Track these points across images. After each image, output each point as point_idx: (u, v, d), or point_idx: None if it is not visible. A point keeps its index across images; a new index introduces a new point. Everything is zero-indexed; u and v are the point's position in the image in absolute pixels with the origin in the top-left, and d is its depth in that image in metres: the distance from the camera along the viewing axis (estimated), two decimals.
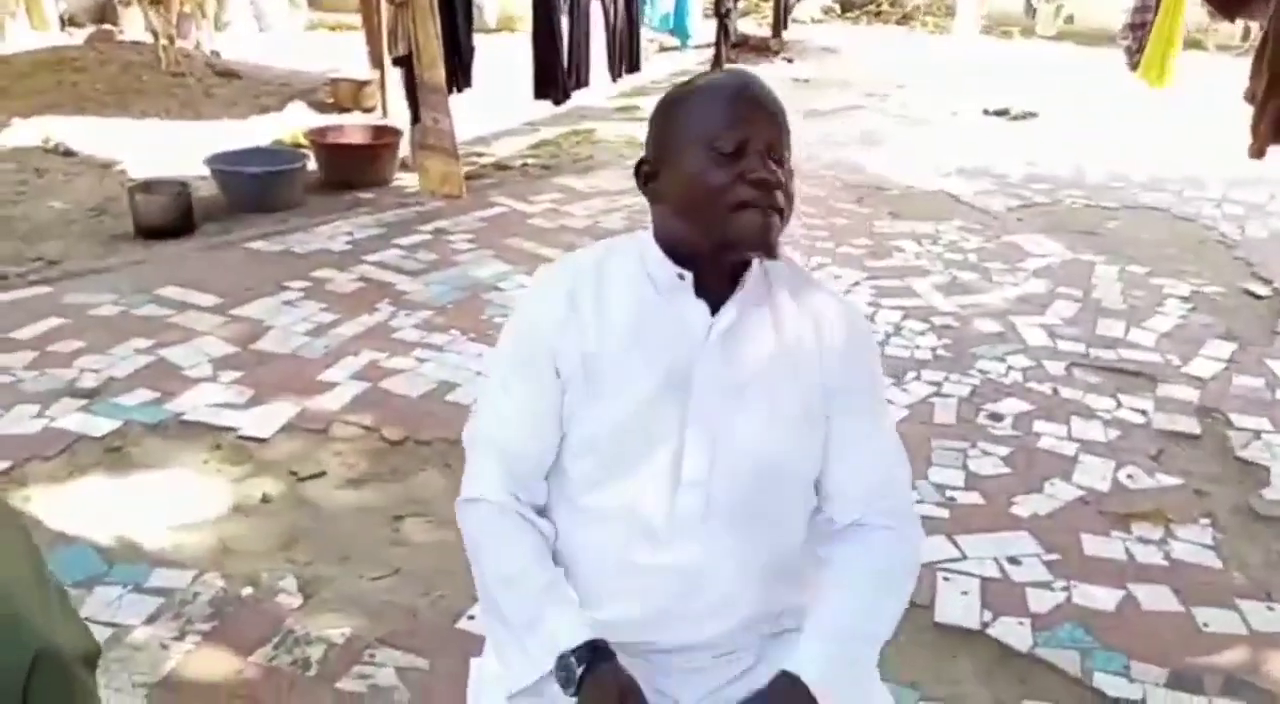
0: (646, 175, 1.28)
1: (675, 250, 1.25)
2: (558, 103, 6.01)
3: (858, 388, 1.31)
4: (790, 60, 10.29)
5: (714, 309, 1.24)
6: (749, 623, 1.33)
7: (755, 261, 1.26)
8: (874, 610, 1.28)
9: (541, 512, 1.32)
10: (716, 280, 1.25)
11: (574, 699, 1.18)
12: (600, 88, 6.75)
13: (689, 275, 1.24)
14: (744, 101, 1.22)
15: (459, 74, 5.25)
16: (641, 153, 1.31)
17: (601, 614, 1.26)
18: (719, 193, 1.18)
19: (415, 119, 5.14)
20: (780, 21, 11.09)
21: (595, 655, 1.20)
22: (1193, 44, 8.00)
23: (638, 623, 1.28)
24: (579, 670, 1.19)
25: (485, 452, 1.31)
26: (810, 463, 1.31)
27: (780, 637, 1.35)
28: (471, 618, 2.27)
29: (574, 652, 1.19)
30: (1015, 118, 8.01)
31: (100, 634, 2.12)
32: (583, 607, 1.25)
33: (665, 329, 1.24)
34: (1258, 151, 3.91)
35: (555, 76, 5.88)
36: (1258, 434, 3.25)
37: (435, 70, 4.91)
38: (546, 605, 1.23)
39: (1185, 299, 4.38)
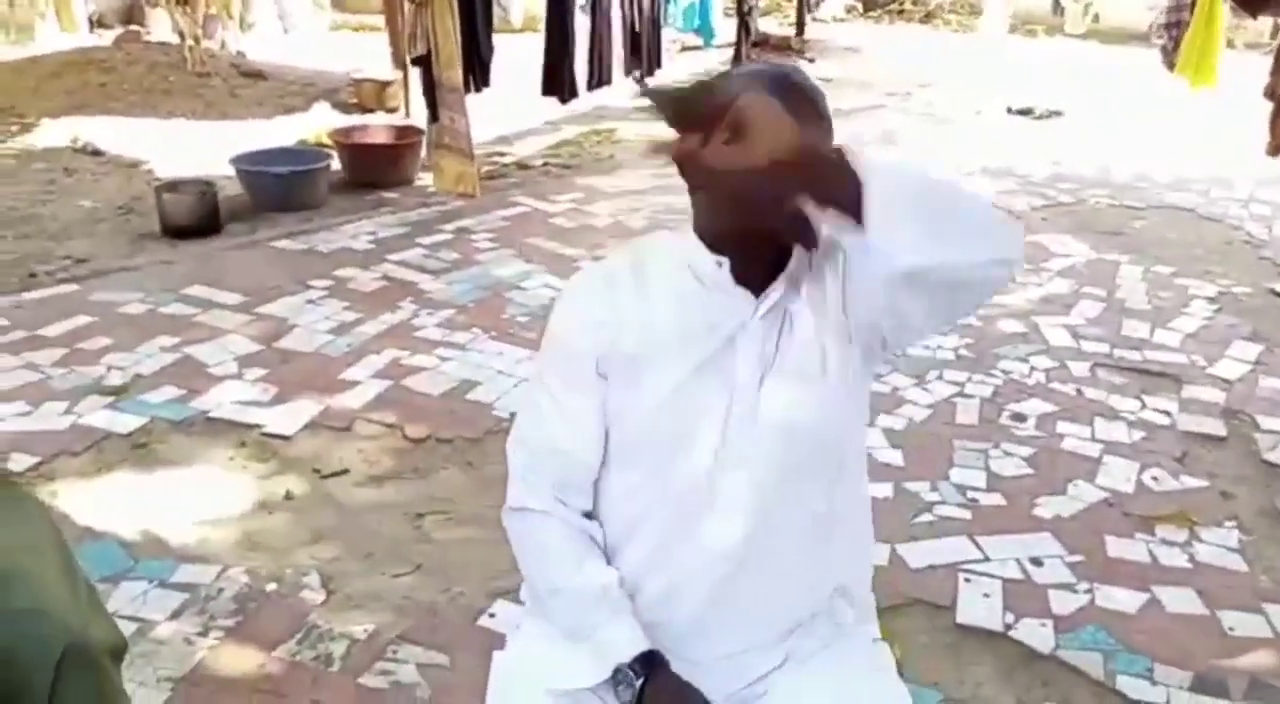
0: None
1: (715, 238, 1.24)
2: (564, 101, 6.02)
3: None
4: (812, 60, 10.24)
5: (757, 293, 1.24)
6: (793, 606, 1.33)
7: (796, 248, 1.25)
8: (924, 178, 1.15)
9: (589, 515, 1.33)
10: (758, 265, 1.23)
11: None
12: (622, 87, 6.75)
13: (725, 262, 1.23)
14: (795, 89, 1.19)
15: (478, 73, 5.27)
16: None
17: (645, 603, 1.28)
18: (762, 186, 1.14)
19: (433, 118, 5.16)
20: (802, 20, 11.06)
21: (653, 665, 1.22)
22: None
23: (658, 628, 1.28)
24: (639, 681, 1.21)
25: (534, 459, 1.31)
26: (857, 423, 1.34)
27: (806, 639, 1.35)
28: (492, 615, 2.28)
29: (631, 663, 1.22)
30: (1040, 117, 7.94)
31: (126, 629, 2.14)
32: (629, 594, 1.27)
33: (709, 317, 1.24)
34: (1275, 149, 3.86)
35: (563, 74, 5.89)
36: None
37: (452, 70, 4.93)
38: (600, 614, 1.25)
39: (1211, 300, 4.34)
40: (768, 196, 1.12)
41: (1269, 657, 2.26)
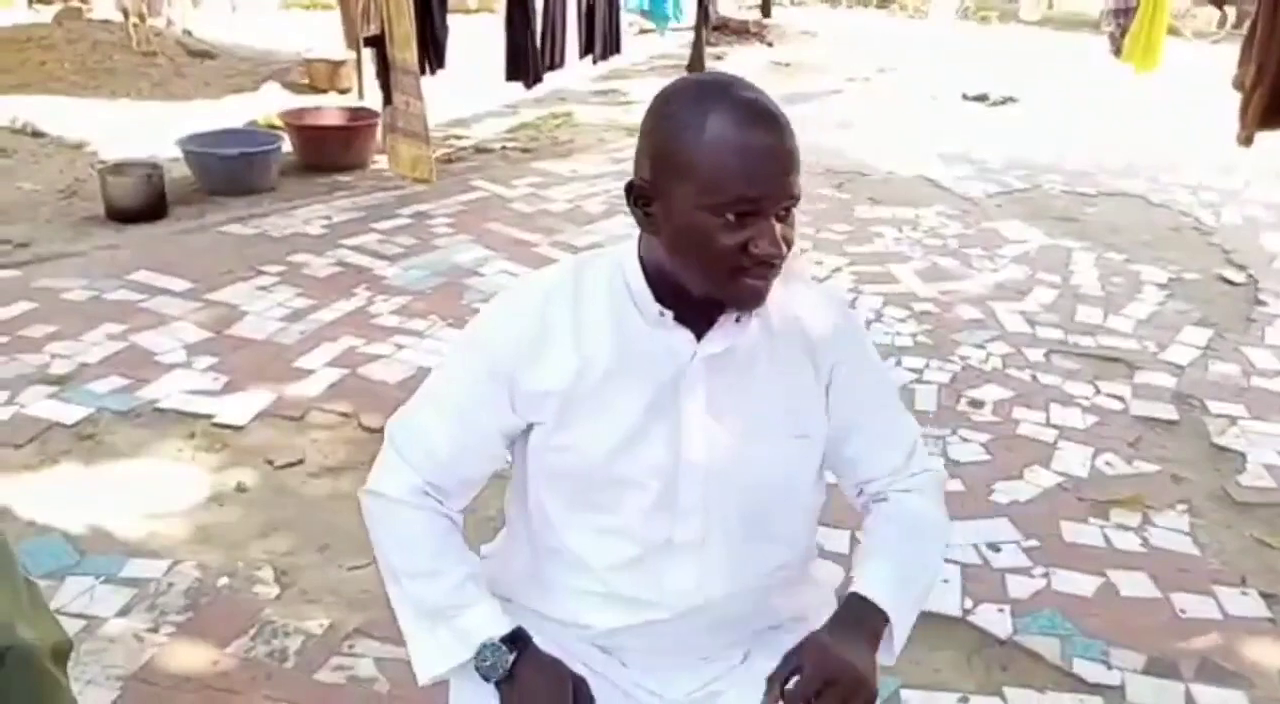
0: (639, 198, 1.14)
1: (658, 276, 1.17)
2: (528, 86, 5.95)
3: (855, 357, 1.28)
4: (770, 44, 10.25)
5: (699, 333, 1.18)
6: (745, 632, 1.32)
7: None
8: (920, 554, 1.28)
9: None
10: (703, 307, 1.17)
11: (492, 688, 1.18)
12: (579, 70, 6.69)
13: (669, 313, 1.16)
14: (765, 158, 1.07)
15: (432, 55, 5.18)
16: (621, 137, 1.25)
17: (595, 635, 1.26)
18: (721, 257, 1.09)
19: (387, 100, 5.07)
20: (768, 3, 11.07)
21: (522, 644, 1.19)
22: (1170, 31, 8.03)
23: (620, 635, 1.27)
24: (510, 658, 1.17)
25: (407, 449, 1.25)
26: (809, 474, 1.28)
27: (767, 633, 1.34)
28: None
29: (499, 641, 1.18)
30: (994, 103, 8.02)
31: (73, 626, 2.09)
32: (581, 626, 1.25)
33: (650, 355, 1.18)
34: (1246, 139, 3.93)
35: (527, 59, 5.82)
36: (1234, 420, 3.27)
37: (407, 51, 4.84)
38: (462, 597, 1.21)
39: (1162, 286, 4.41)
40: (720, 268, 1.10)
41: (1219, 638, 2.30)
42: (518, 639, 1.20)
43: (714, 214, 1.07)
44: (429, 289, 3.98)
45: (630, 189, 1.15)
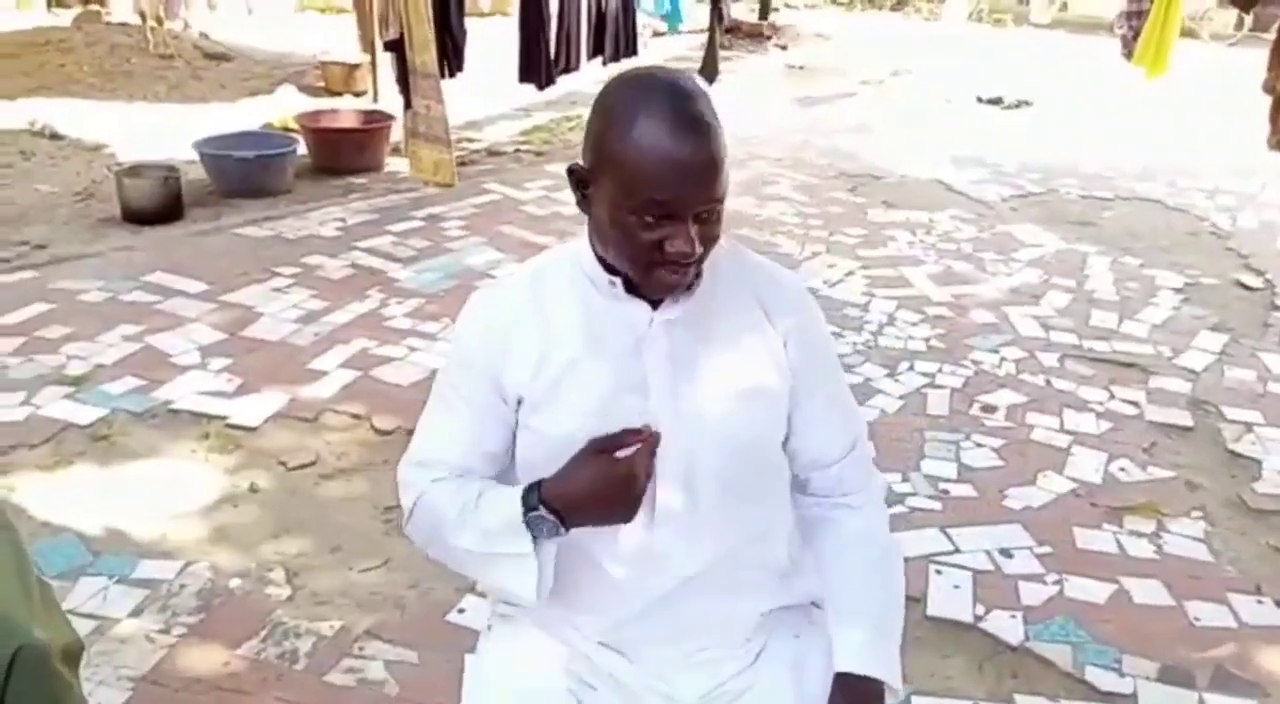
0: (578, 180, 1.19)
1: (608, 254, 1.20)
2: (540, 88, 5.96)
3: (817, 359, 1.30)
4: (784, 47, 10.24)
5: (655, 303, 1.21)
6: (749, 613, 1.31)
7: None
8: (887, 591, 1.30)
9: None
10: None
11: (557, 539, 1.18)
12: (593, 73, 6.70)
13: (619, 280, 1.20)
14: (682, 166, 1.09)
15: (451, 58, 5.20)
16: None
17: (592, 619, 1.26)
18: (637, 251, 1.13)
19: (407, 105, 5.08)
20: (765, 6, 11.07)
21: (540, 490, 1.17)
22: (1186, 33, 7.98)
23: (625, 627, 1.27)
24: (544, 512, 1.16)
25: (421, 469, 1.28)
26: (778, 433, 1.29)
27: (778, 631, 1.34)
28: (461, 611, 2.26)
29: (527, 502, 1.17)
30: (1009, 107, 8.00)
31: (85, 626, 2.11)
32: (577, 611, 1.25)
33: (612, 327, 1.21)
34: (1278, 143, 3.92)
35: (540, 62, 5.83)
36: (1249, 427, 3.25)
37: (427, 55, 4.86)
38: (483, 513, 1.21)
39: (1178, 290, 4.38)
40: (638, 258, 1.13)
41: (1234, 647, 2.28)
42: (533, 490, 1.18)
43: (630, 212, 1.11)
44: (441, 291, 3.99)
45: (571, 171, 1.20)
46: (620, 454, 1.16)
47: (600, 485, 1.16)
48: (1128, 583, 2.48)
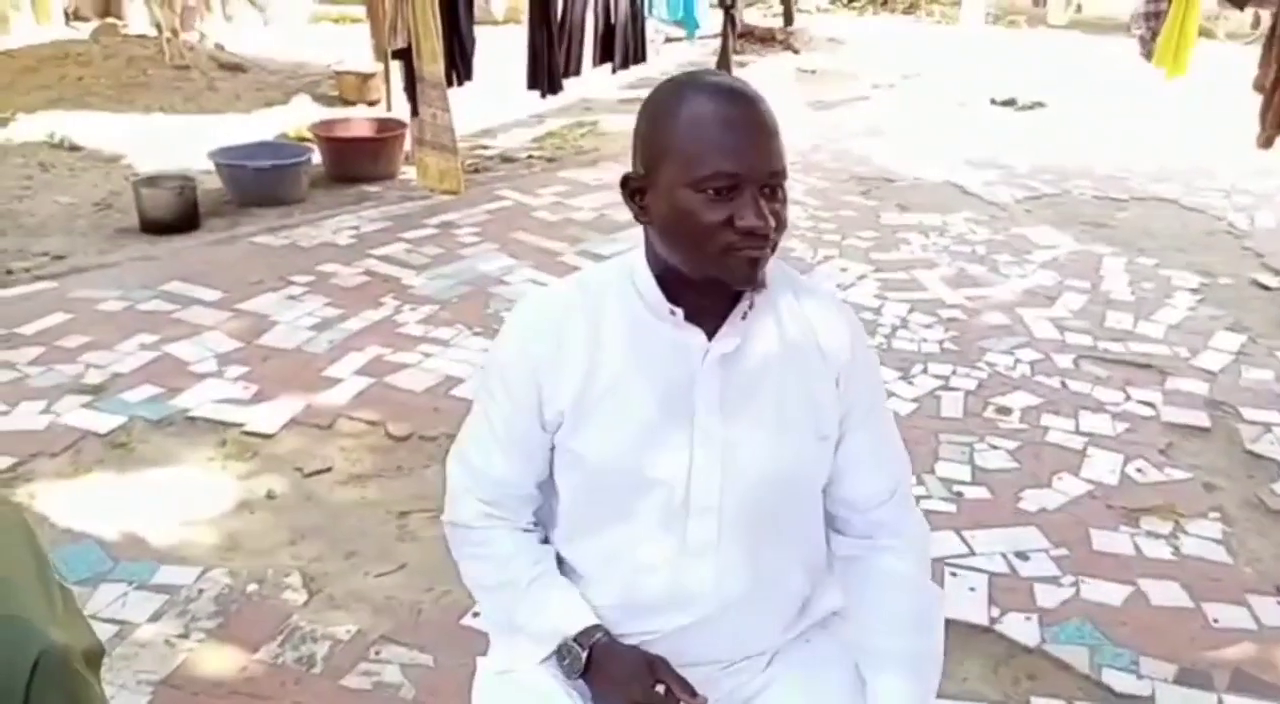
0: (634, 191, 1.18)
1: (665, 275, 1.19)
2: (544, 95, 5.98)
3: (865, 400, 1.29)
4: (796, 51, 10.24)
5: (711, 331, 1.19)
6: (770, 640, 1.31)
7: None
8: (926, 635, 1.31)
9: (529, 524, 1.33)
10: (712, 303, 1.19)
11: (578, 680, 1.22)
12: (606, 79, 6.72)
13: (679, 311, 1.18)
14: (739, 130, 1.10)
15: (460, 66, 5.23)
16: None
17: (620, 635, 1.26)
18: (708, 234, 1.11)
19: (414, 113, 5.12)
20: (790, 10, 11.06)
21: (596, 637, 1.21)
22: (1203, 33, 7.93)
23: (660, 645, 1.26)
24: (583, 655, 1.20)
25: (470, 480, 1.31)
26: (821, 470, 1.28)
27: (796, 638, 1.34)
28: (476, 615, 2.27)
29: (577, 637, 1.20)
30: (1023, 108, 7.97)
31: (105, 631, 2.13)
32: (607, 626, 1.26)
33: (663, 355, 1.19)
34: (1266, 141, 3.90)
35: (546, 67, 5.85)
36: (1268, 427, 3.22)
37: (434, 64, 4.88)
38: (533, 603, 1.24)
39: (1194, 291, 4.35)
40: (709, 246, 1.12)
41: (1253, 649, 2.27)
42: (591, 633, 1.22)
43: (696, 190, 1.11)
44: (455, 298, 4.01)
45: (625, 182, 1.19)
46: (661, 689, 1.18)
47: (627, 692, 1.19)
48: (1145, 585, 2.46)
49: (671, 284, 1.19)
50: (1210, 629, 2.33)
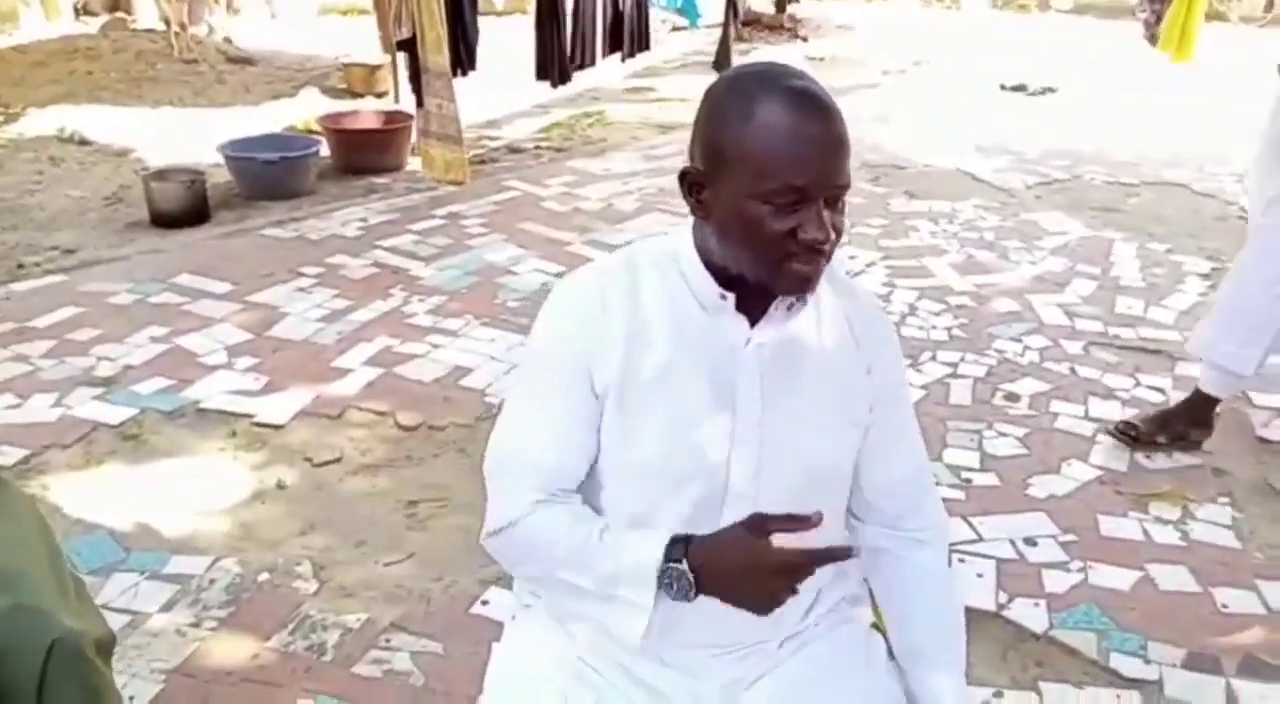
0: (692, 185, 1.17)
1: (715, 267, 1.19)
2: (554, 86, 5.97)
3: (888, 364, 1.31)
4: (804, 38, 10.20)
5: (753, 320, 1.20)
6: (787, 621, 1.32)
7: None
8: (960, 626, 1.39)
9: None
10: (755, 294, 1.19)
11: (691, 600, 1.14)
12: (612, 68, 6.71)
13: (731, 296, 1.18)
14: (814, 145, 1.09)
15: (464, 57, 5.23)
16: (654, 135, 1.26)
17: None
18: (769, 243, 1.11)
19: (419, 104, 5.11)
20: None
21: (683, 548, 1.13)
22: (1215, 16, 7.87)
23: (663, 634, 1.25)
24: (685, 570, 1.12)
25: (511, 475, 1.25)
26: (853, 457, 1.30)
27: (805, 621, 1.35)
28: (485, 603, 2.28)
29: (671, 556, 1.13)
30: (1033, 93, 7.92)
31: (118, 621, 2.15)
32: None
33: (706, 343, 1.20)
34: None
35: (555, 58, 5.84)
36: (1278, 412, 3.21)
37: (439, 54, 4.88)
38: (612, 553, 1.17)
39: (1205, 276, 4.33)
40: (769, 255, 1.11)
41: (1262, 633, 2.27)
42: (681, 545, 1.14)
43: (762, 201, 1.10)
44: (463, 288, 4.02)
45: (684, 176, 1.17)
46: (775, 542, 1.10)
47: (750, 571, 1.11)
48: (1153, 570, 2.46)
49: (718, 273, 1.19)
50: (1219, 614, 2.33)
